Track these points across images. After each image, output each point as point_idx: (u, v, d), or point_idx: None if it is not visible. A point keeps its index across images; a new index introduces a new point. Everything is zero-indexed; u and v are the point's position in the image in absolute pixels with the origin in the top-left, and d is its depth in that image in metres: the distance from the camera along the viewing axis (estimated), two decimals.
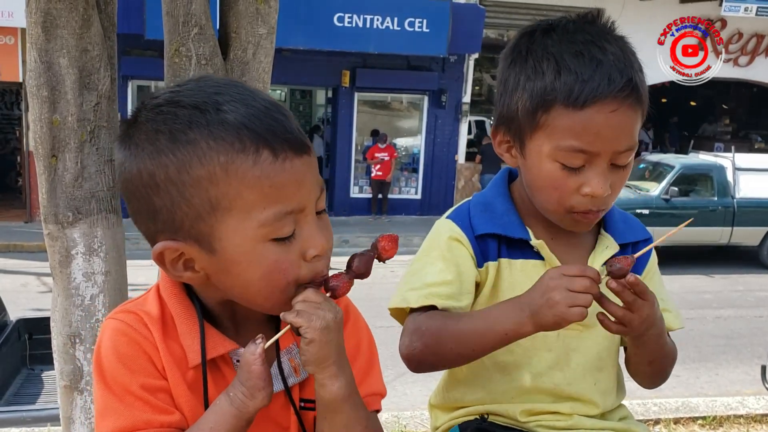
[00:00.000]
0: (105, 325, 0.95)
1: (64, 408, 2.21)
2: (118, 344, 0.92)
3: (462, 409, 1.34)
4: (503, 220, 1.26)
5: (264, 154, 0.86)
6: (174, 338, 0.95)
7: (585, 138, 1.12)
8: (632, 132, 1.15)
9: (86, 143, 2.05)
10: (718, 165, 10.82)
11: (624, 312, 1.13)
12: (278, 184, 0.86)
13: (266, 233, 0.87)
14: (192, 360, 0.94)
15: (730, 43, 14.48)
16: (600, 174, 1.15)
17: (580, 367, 1.29)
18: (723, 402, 4.56)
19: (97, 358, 0.93)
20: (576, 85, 1.12)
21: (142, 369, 0.92)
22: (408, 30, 12.64)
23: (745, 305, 8.64)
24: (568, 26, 1.19)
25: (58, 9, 1.91)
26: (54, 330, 2.18)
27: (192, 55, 2.05)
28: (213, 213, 0.86)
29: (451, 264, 1.24)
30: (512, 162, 1.27)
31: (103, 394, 0.91)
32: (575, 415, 1.28)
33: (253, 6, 2.08)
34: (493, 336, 1.15)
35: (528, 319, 1.12)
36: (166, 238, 0.89)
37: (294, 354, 1.00)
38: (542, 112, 1.15)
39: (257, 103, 0.89)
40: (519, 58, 1.20)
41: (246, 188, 0.85)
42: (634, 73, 1.14)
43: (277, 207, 0.86)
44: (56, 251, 2.11)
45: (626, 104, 1.12)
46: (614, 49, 1.14)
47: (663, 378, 1.34)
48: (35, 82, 1.99)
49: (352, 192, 14.09)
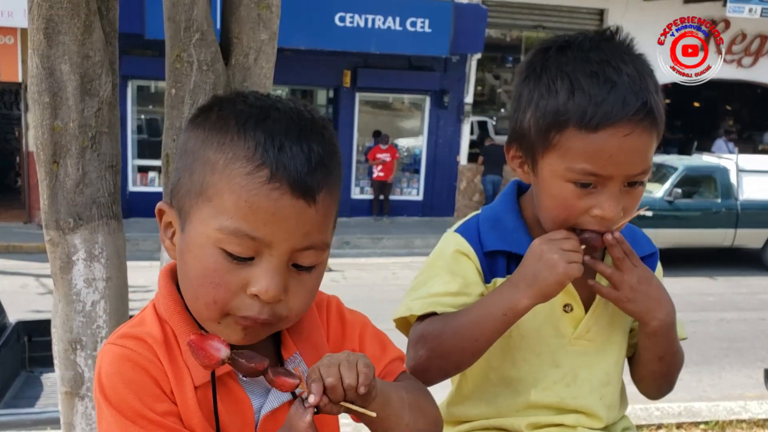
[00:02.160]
0: (105, 351, 0.93)
1: (65, 414, 2.20)
2: (123, 370, 0.90)
3: (467, 423, 1.33)
4: (513, 237, 1.25)
5: (261, 173, 0.86)
6: (178, 359, 0.93)
7: (598, 162, 1.11)
8: (646, 155, 1.13)
9: (87, 149, 2.03)
10: (722, 167, 10.79)
11: (612, 270, 1.18)
12: (254, 206, 0.86)
13: (219, 240, 0.88)
14: (198, 379, 0.92)
15: (733, 44, 14.44)
16: (612, 197, 1.13)
17: (586, 383, 1.28)
18: (725, 406, 4.55)
19: (100, 386, 0.90)
20: (589, 107, 1.10)
21: (151, 394, 0.90)
22: (410, 30, 12.62)
23: (749, 308, 8.62)
24: (584, 44, 1.16)
25: (59, 15, 1.90)
26: (55, 336, 2.17)
27: (194, 60, 2.03)
28: (199, 196, 0.90)
29: (457, 276, 1.24)
30: (525, 178, 1.25)
31: (114, 420, 0.88)
32: (579, 427, 1.27)
33: (254, 11, 2.06)
34: (492, 320, 1.15)
35: (524, 294, 1.13)
36: (169, 199, 0.96)
37: (298, 362, 0.99)
38: (555, 132, 1.13)
39: (305, 132, 0.90)
40: (533, 75, 1.18)
41: (228, 190, 0.87)
42: (649, 95, 1.12)
43: (240, 224, 0.86)
44: (57, 257, 2.10)
45: (641, 127, 1.10)
46: (630, 70, 1.12)
47: (669, 382, 1.33)
48: (37, 88, 1.98)
49: (353, 193, 14.07)
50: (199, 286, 0.90)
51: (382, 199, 13.63)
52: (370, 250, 11.50)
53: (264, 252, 0.88)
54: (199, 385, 0.92)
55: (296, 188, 0.87)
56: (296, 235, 0.88)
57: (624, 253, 1.18)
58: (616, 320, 1.29)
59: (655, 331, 1.22)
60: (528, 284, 1.14)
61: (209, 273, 0.89)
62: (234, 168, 0.87)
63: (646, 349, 1.27)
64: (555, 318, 1.26)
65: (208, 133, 0.91)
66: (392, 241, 11.94)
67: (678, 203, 10.27)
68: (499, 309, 1.15)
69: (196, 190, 0.90)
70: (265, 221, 0.86)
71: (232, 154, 0.88)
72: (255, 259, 0.88)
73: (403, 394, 1.00)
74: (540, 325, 1.24)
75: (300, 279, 0.92)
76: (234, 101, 0.94)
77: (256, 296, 0.88)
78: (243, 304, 0.89)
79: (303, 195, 0.87)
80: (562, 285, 1.14)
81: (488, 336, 1.17)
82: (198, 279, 0.90)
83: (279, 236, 0.87)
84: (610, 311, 1.28)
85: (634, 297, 1.18)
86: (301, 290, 0.92)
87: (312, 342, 1.02)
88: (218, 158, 0.88)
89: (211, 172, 0.89)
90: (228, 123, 0.90)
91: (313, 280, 0.94)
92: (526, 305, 1.14)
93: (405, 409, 0.99)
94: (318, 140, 0.91)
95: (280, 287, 0.88)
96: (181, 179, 0.93)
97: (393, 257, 10.95)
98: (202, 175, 0.90)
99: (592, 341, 1.27)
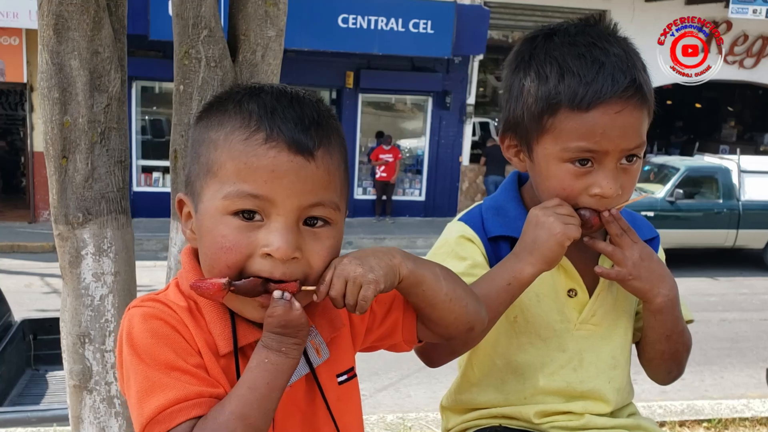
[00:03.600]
0: (132, 312, 0.94)
1: (73, 407, 2.21)
2: (154, 326, 0.91)
3: (474, 411, 1.34)
4: (516, 224, 1.27)
5: (257, 136, 0.91)
6: (202, 327, 0.95)
7: (592, 138, 1.13)
8: (639, 130, 1.16)
9: (96, 144, 2.05)
10: (724, 167, 10.79)
11: (613, 248, 1.19)
12: (252, 166, 0.90)
13: (226, 206, 0.91)
14: (223, 348, 0.94)
15: (735, 45, 14.44)
16: (609, 174, 1.15)
17: (593, 366, 1.30)
18: (728, 405, 4.55)
19: (131, 342, 0.90)
20: (580, 87, 1.12)
21: (183, 348, 0.91)
22: (412, 31, 12.64)
23: (750, 308, 8.63)
24: (570, 30, 1.20)
25: (69, 11, 1.92)
26: (63, 330, 2.19)
27: (201, 57, 2.05)
28: (206, 175, 0.94)
29: (464, 259, 1.26)
30: (521, 166, 1.27)
31: (145, 374, 0.88)
32: (587, 414, 1.29)
33: (262, 8, 2.08)
34: (496, 291, 1.16)
35: (525, 262, 1.16)
36: (185, 191, 1.00)
37: (314, 335, 1.01)
38: (548, 116, 1.16)
39: (297, 100, 0.95)
40: (522, 64, 1.21)
41: (229, 159, 0.91)
42: (637, 72, 1.15)
43: (243, 185, 0.90)
44: (66, 252, 2.12)
45: (631, 104, 1.13)
46: (616, 50, 1.15)
47: (678, 364, 1.34)
48: (46, 84, 2.00)
49: (356, 193, 14.08)
50: (213, 254, 0.93)
51: (384, 199, 13.64)
52: None
53: (272, 212, 0.91)
54: (223, 354, 0.94)
55: (292, 145, 0.90)
56: (299, 191, 0.91)
57: (622, 230, 1.19)
58: (621, 304, 1.31)
59: (661, 308, 1.23)
60: (529, 251, 1.16)
61: (220, 239, 0.91)
62: (233, 138, 0.92)
63: (652, 328, 1.28)
64: (560, 303, 1.27)
65: (209, 119, 0.97)
66: (395, 242, 11.95)
67: (680, 204, 10.28)
68: (504, 279, 1.17)
69: (204, 171, 0.95)
70: (265, 179, 0.90)
71: (230, 126, 0.93)
72: (264, 221, 0.91)
73: (436, 269, 1.05)
74: (545, 311, 1.26)
75: (316, 236, 0.94)
76: (230, 90, 1.00)
77: (269, 255, 0.90)
78: (257, 265, 0.91)
79: (300, 151, 0.91)
80: (562, 246, 1.15)
81: (494, 308, 1.17)
82: (211, 248, 0.93)
83: (282, 193, 0.90)
84: (614, 295, 1.30)
85: (639, 273, 1.20)
86: (319, 247, 0.94)
87: (328, 316, 1.03)
88: (218, 135, 0.93)
89: (214, 149, 0.93)
90: (226, 105, 0.96)
91: (331, 238, 0.96)
92: (530, 272, 1.16)
93: (441, 282, 1.04)
94: (310, 106, 0.95)
95: (291, 245, 0.90)
96: (191, 168, 0.99)
97: None
98: (207, 155, 0.94)
99: (598, 325, 1.29)
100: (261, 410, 0.87)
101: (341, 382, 1.05)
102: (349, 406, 1.06)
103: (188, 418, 0.86)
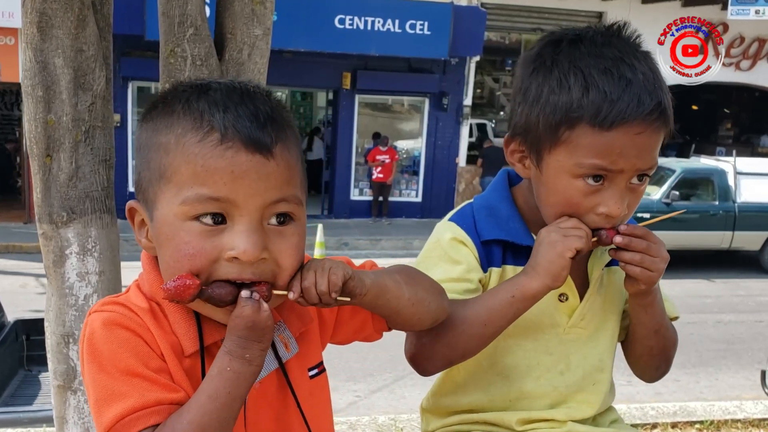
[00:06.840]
0: (93, 318, 0.92)
1: (57, 408, 2.20)
2: (115, 332, 0.89)
3: (456, 415, 1.32)
4: (509, 226, 1.24)
5: (212, 137, 0.88)
6: (165, 329, 0.93)
7: (608, 157, 1.10)
8: (655, 151, 1.13)
9: (81, 143, 2.04)
10: (720, 169, 10.80)
11: (641, 256, 1.14)
12: (210, 168, 0.87)
13: (186, 211, 0.88)
14: (188, 348, 0.93)
15: (732, 48, 14.46)
16: (616, 194, 1.12)
17: (580, 369, 1.28)
18: (721, 406, 4.54)
19: (91, 348, 0.89)
20: (604, 104, 1.08)
21: (144, 353, 0.89)
22: (409, 32, 12.65)
23: (746, 310, 8.62)
24: (596, 39, 1.14)
25: (53, 9, 1.91)
26: (48, 330, 2.17)
27: (187, 55, 2.04)
28: (159, 180, 0.90)
29: (457, 263, 1.22)
30: (524, 173, 1.22)
31: (104, 382, 0.87)
32: (569, 421, 1.28)
33: (248, 7, 2.07)
34: (500, 305, 1.15)
35: (530, 277, 1.14)
36: (137, 198, 0.97)
37: (282, 330, 1.00)
38: (566, 128, 1.11)
39: (248, 95, 0.91)
40: (543, 68, 1.15)
41: (184, 163, 0.88)
42: (663, 95, 1.11)
43: (201, 189, 0.87)
44: (50, 251, 2.11)
45: (653, 127, 1.10)
46: (644, 68, 1.11)
47: (667, 359, 1.32)
48: (30, 82, 1.99)
49: (353, 194, 14.08)
50: (176, 262, 0.89)
51: (381, 200, 13.64)
52: (368, 251, 11.50)
53: (234, 214, 0.88)
54: (188, 354, 0.93)
55: (250, 143, 0.88)
56: (261, 190, 0.88)
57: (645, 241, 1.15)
58: (609, 305, 1.30)
59: (653, 301, 1.22)
60: (533, 266, 1.14)
61: (182, 246, 0.88)
62: (185, 141, 0.88)
63: (642, 324, 1.27)
64: (550, 307, 1.25)
65: (156, 121, 0.93)
66: (391, 243, 11.95)
67: (676, 205, 10.26)
68: (508, 292, 1.15)
69: (156, 177, 0.91)
70: (225, 181, 0.87)
71: (181, 129, 0.89)
72: (227, 224, 0.89)
73: (395, 276, 1.05)
74: (535, 314, 1.22)
75: (281, 234, 0.91)
76: (174, 89, 0.96)
77: (235, 259, 0.88)
78: (223, 269, 0.89)
79: (258, 149, 0.88)
80: (563, 257, 1.12)
81: (496, 322, 1.15)
82: (174, 256, 0.90)
83: (243, 194, 0.87)
84: (603, 297, 1.29)
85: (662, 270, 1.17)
86: (285, 245, 0.91)
87: (296, 311, 1.03)
88: (169, 138, 0.90)
89: (165, 154, 0.90)
90: (173, 106, 0.92)
91: (296, 235, 0.93)
92: (533, 286, 1.13)
93: (402, 288, 1.04)
94: (263, 101, 0.92)
95: (258, 246, 0.88)
96: (141, 173, 0.94)
97: (391, 258, 10.92)
98: (158, 160, 0.90)
99: (585, 329, 1.28)
100: (220, 420, 0.85)
101: (312, 376, 1.05)
102: (320, 400, 1.06)
103: (146, 426, 0.85)
